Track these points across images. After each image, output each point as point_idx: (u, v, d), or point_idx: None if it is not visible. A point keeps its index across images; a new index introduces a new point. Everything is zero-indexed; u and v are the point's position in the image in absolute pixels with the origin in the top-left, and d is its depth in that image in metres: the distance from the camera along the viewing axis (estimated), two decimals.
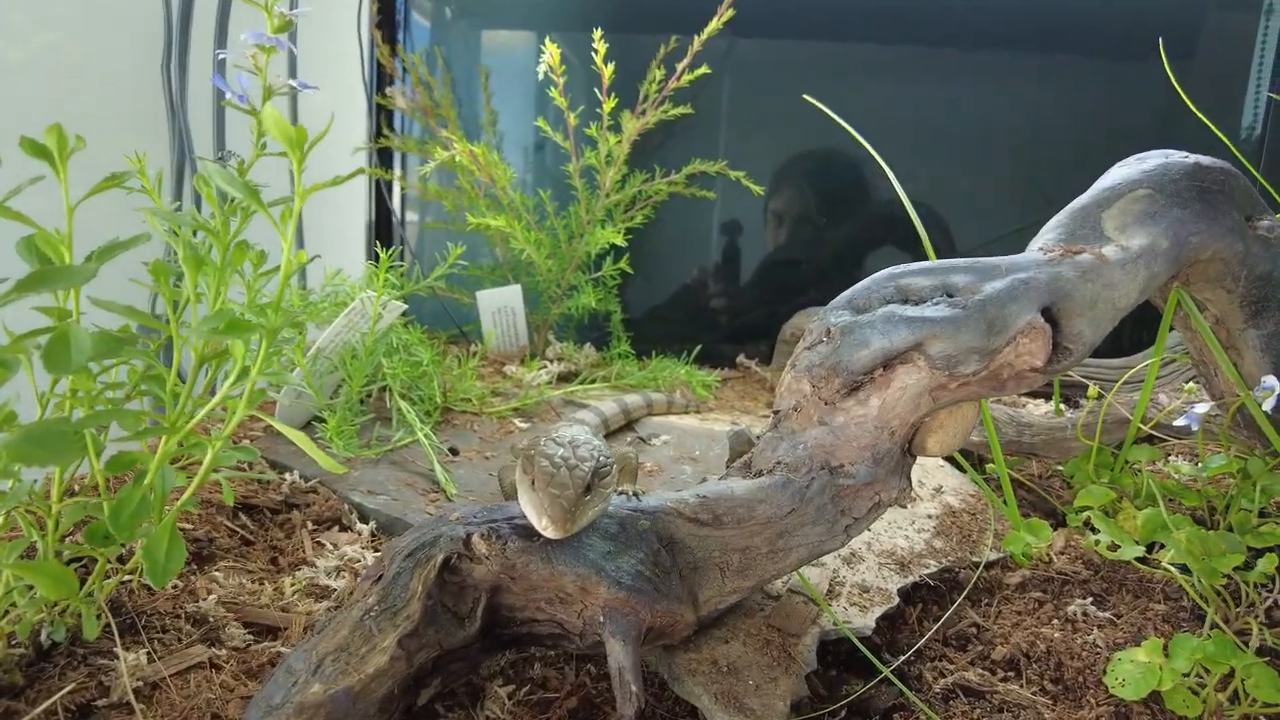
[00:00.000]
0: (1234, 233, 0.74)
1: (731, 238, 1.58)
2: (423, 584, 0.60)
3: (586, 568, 0.62)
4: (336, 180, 0.48)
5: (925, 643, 0.82)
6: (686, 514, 0.69)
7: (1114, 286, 0.68)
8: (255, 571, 0.79)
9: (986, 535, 0.96)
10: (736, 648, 0.72)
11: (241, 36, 0.58)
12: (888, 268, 0.74)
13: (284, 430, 0.52)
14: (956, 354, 0.66)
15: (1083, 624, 0.83)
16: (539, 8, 1.55)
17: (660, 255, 1.54)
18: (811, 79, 1.58)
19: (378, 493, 0.91)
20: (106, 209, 0.64)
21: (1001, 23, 1.58)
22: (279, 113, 0.48)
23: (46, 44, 1.22)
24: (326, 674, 0.54)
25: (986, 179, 1.65)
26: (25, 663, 0.61)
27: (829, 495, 0.71)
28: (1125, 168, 0.78)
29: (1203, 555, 0.79)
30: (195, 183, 0.53)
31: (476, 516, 0.64)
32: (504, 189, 1.24)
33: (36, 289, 0.46)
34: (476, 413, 1.11)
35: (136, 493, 0.55)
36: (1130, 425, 0.94)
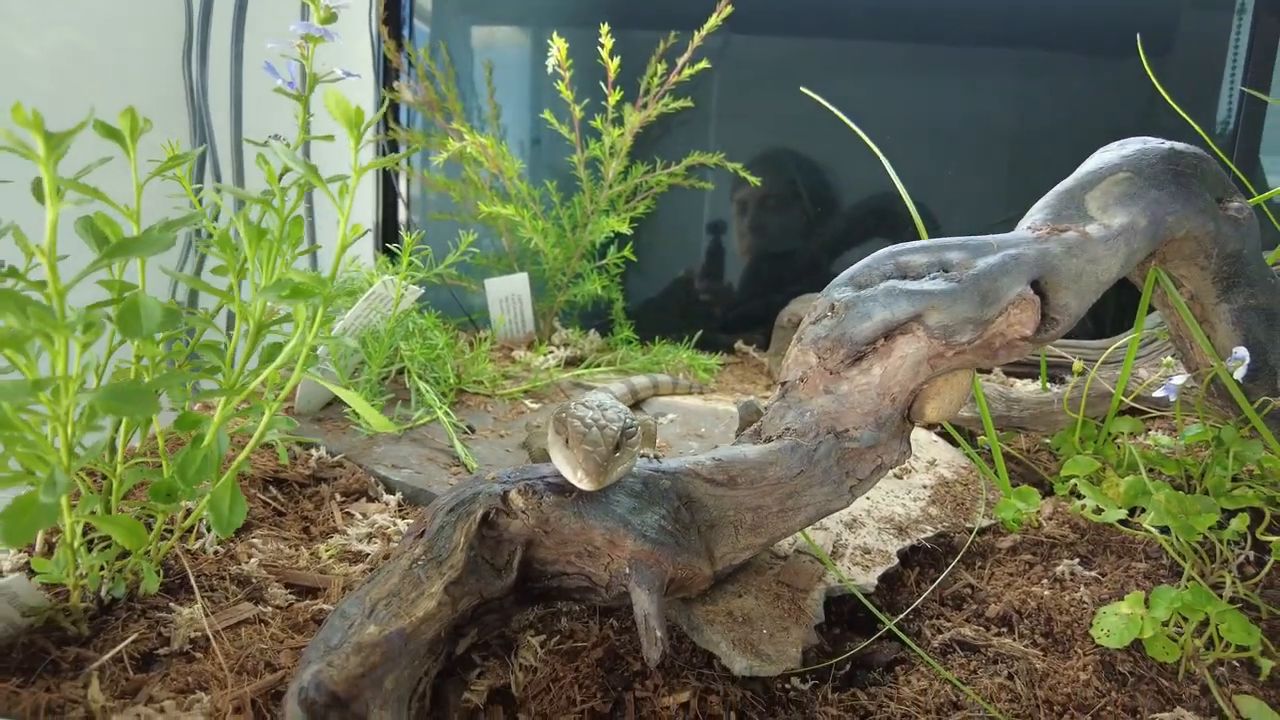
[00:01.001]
0: (1206, 213, 0.80)
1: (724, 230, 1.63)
2: (465, 536, 0.64)
3: (614, 522, 0.67)
4: (393, 159, 0.53)
5: (923, 602, 0.88)
6: (704, 475, 0.74)
7: (1097, 261, 0.74)
8: (290, 539, 0.84)
9: (979, 503, 1.02)
10: (749, 601, 0.77)
11: (291, 27, 0.63)
12: (887, 248, 0.79)
13: (340, 393, 0.56)
14: (953, 324, 0.71)
15: (1070, 583, 0.89)
16: (536, 3, 1.59)
17: (659, 245, 1.59)
18: (803, 74, 1.63)
19: (401, 467, 0.95)
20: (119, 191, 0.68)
21: (987, 20, 1.65)
22: (338, 95, 0.52)
23: (63, 39, 1.25)
24: (380, 617, 0.59)
25: (973, 172, 1.71)
26: (90, 615, 0.64)
27: (835, 458, 0.76)
28: (1107, 153, 0.83)
29: (1180, 514, 0.85)
30: (257, 161, 0.57)
31: (512, 476, 0.68)
32: (511, 180, 1.28)
33: (122, 255, 0.50)
34: (489, 394, 1.15)
35: (199, 451, 0.59)
36: (1113, 399, 1.00)
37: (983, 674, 0.78)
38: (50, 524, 0.51)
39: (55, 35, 1.24)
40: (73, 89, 1.23)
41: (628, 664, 0.74)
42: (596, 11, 1.58)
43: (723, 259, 1.65)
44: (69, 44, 1.25)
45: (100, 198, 0.55)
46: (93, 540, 0.64)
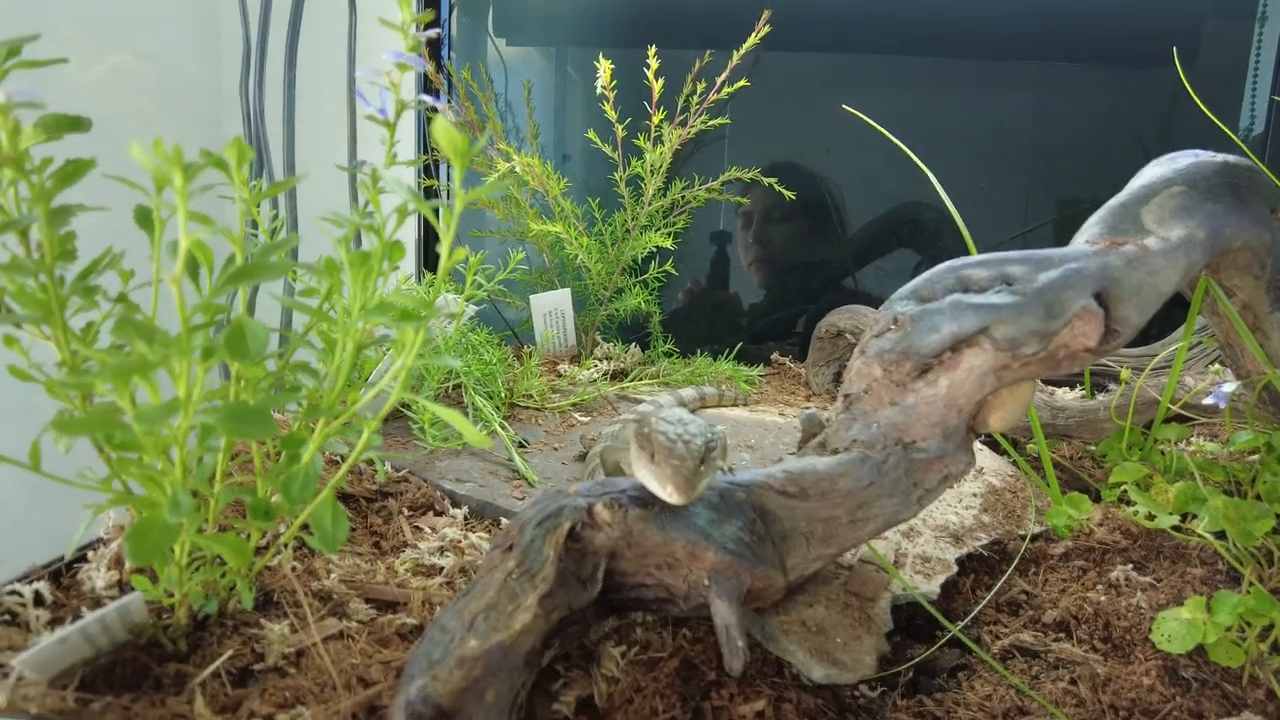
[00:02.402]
0: (1261, 223, 0.82)
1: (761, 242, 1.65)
2: (555, 549, 0.66)
3: (695, 534, 0.69)
4: (492, 185, 0.55)
5: (981, 609, 0.89)
6: (776, 487, 0.76)
7: (1157, 274, 0.76)
8: (364, 554, 0.85)
9: (1029, 510, 1.03)
10: (820, 611, 0.78)
11: (383, 55, 0.65)
12: (948, 261, 0.81)
13: (439, 411, 0.58)
14: (1019, 336, 0.73)
15: (1125, 588, 0.90)
16: (568, 24, 1.62)
17: (693, 259, 1.61)
18: (831, 88, 1.66)
19: (465, 480, 0.97)
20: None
21: (1009, 33, 1.67)
22: (446, 126, 0.54)
23: (116, 66, 1.28)
24: (479, 630, 0.60)
25: (996, 182, 1.73)
26: (186, 632, 0.66)
27: (903, 469, 0.77)
28: (1159, 166, 0.85)
29: (1238, 520, 0.86)
30: (359, 186, 0.59)
31: (593, 490, 0.70)
32: (556, 198, 1.30)
33: (244, 281, 0.52)
34: (539, 408, 1.17)
35: (301, 469, 0.61)
36: (1160, 405, 1.01)
37: (1045, 679, 0.79)
38: (173, 543, 0.53)
39: (110, 62, 1.27)
40: (127, 114, 1.26)
41: (703, 673, 0.75)
42: (628, 31, 1.61)
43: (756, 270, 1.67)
44: (122, 70, 1.28)
45: (211, 225, 0.57)
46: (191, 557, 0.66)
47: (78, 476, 0.61)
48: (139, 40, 1.27)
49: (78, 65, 1.23)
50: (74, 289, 0.59)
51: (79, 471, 0.61)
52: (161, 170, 0.46)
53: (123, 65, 1.26)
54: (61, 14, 1.19)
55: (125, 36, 1.27)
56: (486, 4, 1.58)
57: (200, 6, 1.25)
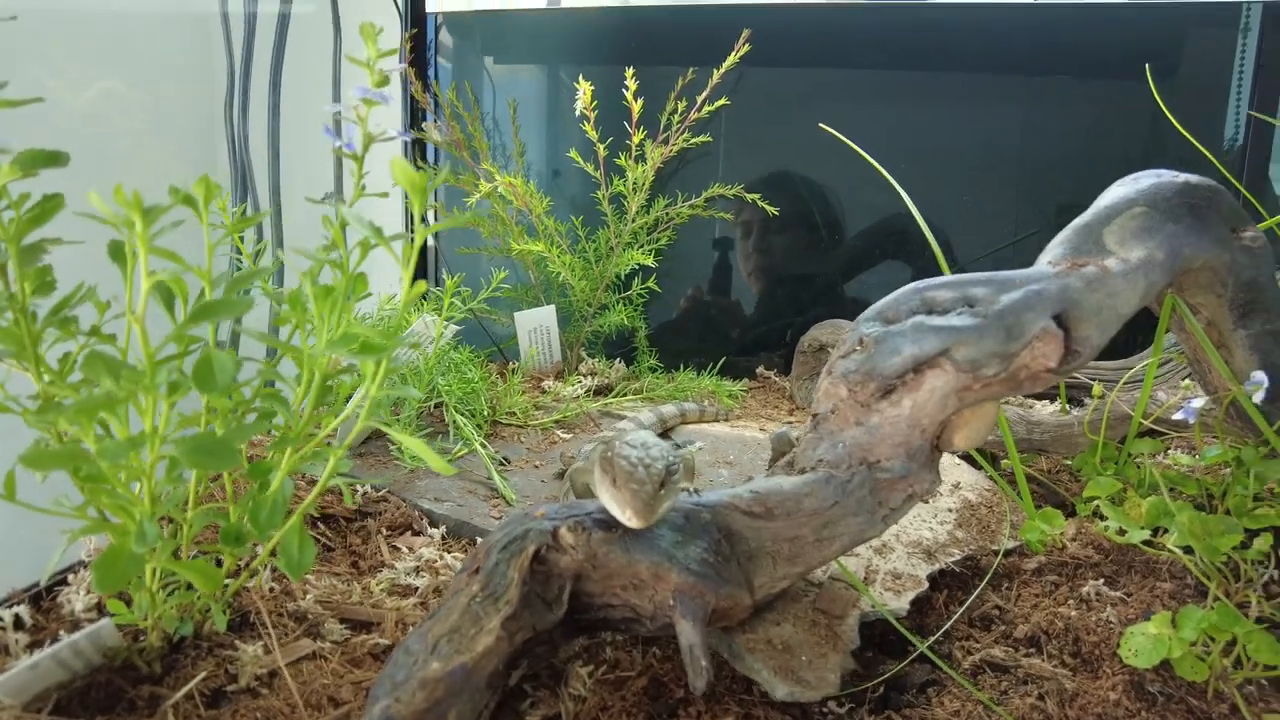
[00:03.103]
0: (1221, 243, 0.83)
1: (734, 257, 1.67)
2: (519, 572, 0.67)
3: (659, 556, 0.70)
4: (458, 219, 0.56)
5: (953, 624, 0.90)
6: (742, 507, 0.77)
7: (1117, 295, 0.77)
8: (341, 574, 0.87)
9: (1003, 526, 1.04)
10: (788, 629, 0.80)
11: (350, 91, 0.67)
12: (911, 283, 0.82)
13: (402, 440, 0.59)
14: (980, 358, 0.74)
15: (1096, 603, 0.91)
16: (555, 42, 1.64)
17: (679, 274, 1.62)
18: (816, 103, 1.67)
19: (443, 500, 0.98)
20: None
21: (994, 48, 1.68)
22: (404, 164, 0.56)
23: (106, 90, 1.30)
24: (442, 653, 0.62)
25: (983, 194, 1.74)
26: (161, 654, 0.68)
27: (868, 488, 0.79)
28: (1122, 187, 0.86)
29: (1204, 535, 0.87)
30: (323, 222, 0.61)
31: (559, 513, 0.71)
32: (539, 217, 1.32)
33: (207, 318, 0.53)
34: (522, 425, 1.19)
35: (269, 497, 0.62)
36: (1132, 420, 1.02)
37: (1014, 694, 0.80)
38: (139, 572, 0.55)
39: (100, 87, 1.29)
40: (117, 138, 1.28)
41: (671, 691, 0.76)
42: (613, 49, 1.63)
43: (741, 284, 1.68)
44: (112, 95, 1.30)
45: (179, 262, 0.59)
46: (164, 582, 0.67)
47: (53, 504, 0.62)
48: (130, 65, 1.29)
49: (69, 90, 1.25)
50: (48, 322, 0.61)
51: (55, 500, 0.63)
52: (119, 216, 0.47)
53: (113, 90, 1.29)
54: (54, 39, 1.22)
55: (116, 62, 1.29)
56: (474, 23, 1.60)
57: (191, 31, 1.27)
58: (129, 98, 1.29)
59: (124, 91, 1.28)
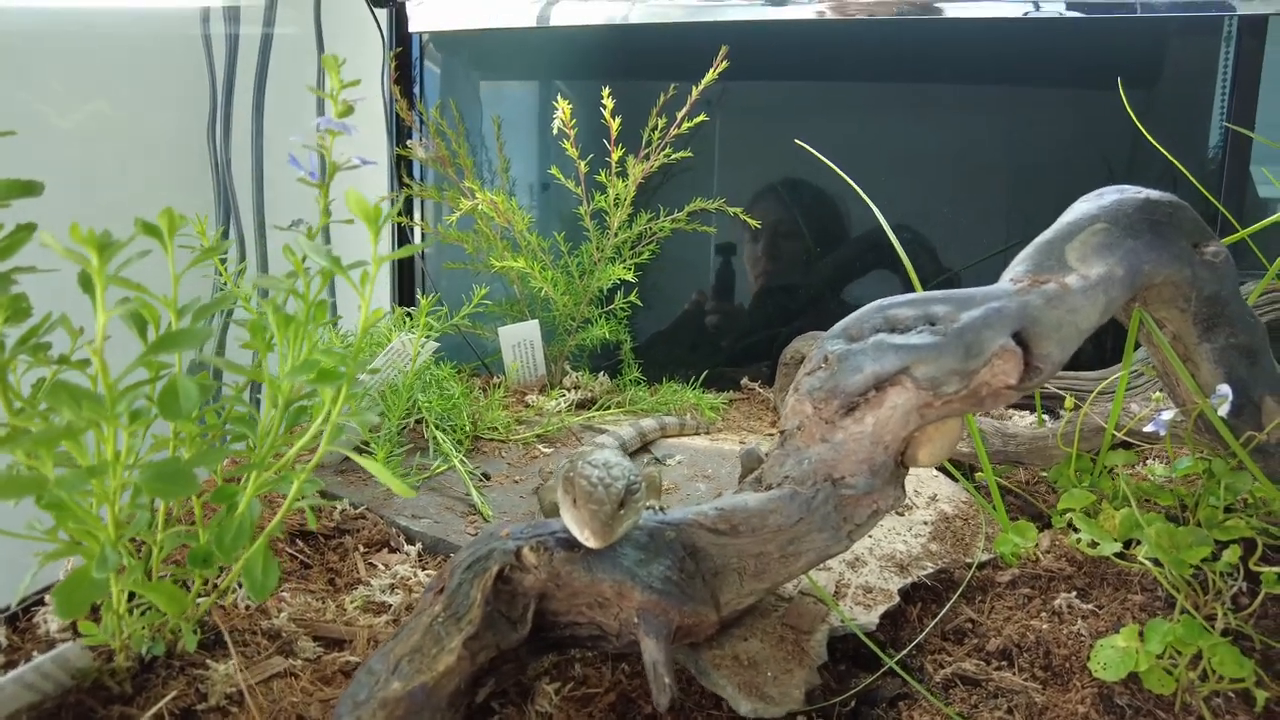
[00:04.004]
0: (1181, 259, 0.83)
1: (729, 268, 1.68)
2: (481, 592, 0.68)
3: (622, 574, 0.71)
4: (409, 249, 0.57)
5: (925, 637, 0.91)
6: (707, 525, 0.78)
7: (1077, 311, 0.78)
8: (317, 591, 0.88)
9: (978, 538, 1.05)
10: (755, 644, 0.80)
11: (314, 123, 0.68)
12: (877, 300, 0.83)
13: (362, 463, 0.61)
14: (939, 376, 0.75)
15: (1068, 616, 0.91)
16: (543, 58, 1.66)
17: (665, 286, 1.63)
18: (802, 116, 1.68)
19: (421, 516, 0.99)
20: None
21: (979, 58, 1.69)
22: (358, 196, 0.57)
23: (93, 112, 1.32)
24: (404, 673, 0.63)
25: (969, 204, 1.75)
26: (132, 674, 0.69)
27: (832, 505, 0.80)
28: (1085, 203, 0.87)
29: (1171, 549, 0.88)
30: (284, 251, 0.62)
31: (524, 532, 0.72)
32: (521, 233, 1.34)
33: (167, 349, 0.55)
34: (503, 440, 1.20)
35: (234, 520, 0.63)
36: (1105, 432, 1.03)
37: (984, 708, 0.81)
38: (101, 596, 0.56)
39: (87, 109, 1.31)
40: (103, 159, 1.30)
41: (640, 708, 0.77)
42: (600, 66, 1.64)
43: (728, 294, 1.69)
44: (99, 116, 1.32)
45: (144, 292, 0.60)
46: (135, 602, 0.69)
47: (26, 528, 0.64)
48: (117, 88, 1.31)
49: (56, 112, 1.27)
50: (16, 350, 0.62)
51: (28, 524, 0.64)
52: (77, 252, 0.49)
53: (100, 113, 1.31)
54: (43, 60, 1.24)
55: (103, 85, 1.31)
56: (460, 40, 1.62)
57: (176, 54, 1.29)
58: (116, 120, 1.31)
59: (111, 114, 1.30)
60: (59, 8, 1.17)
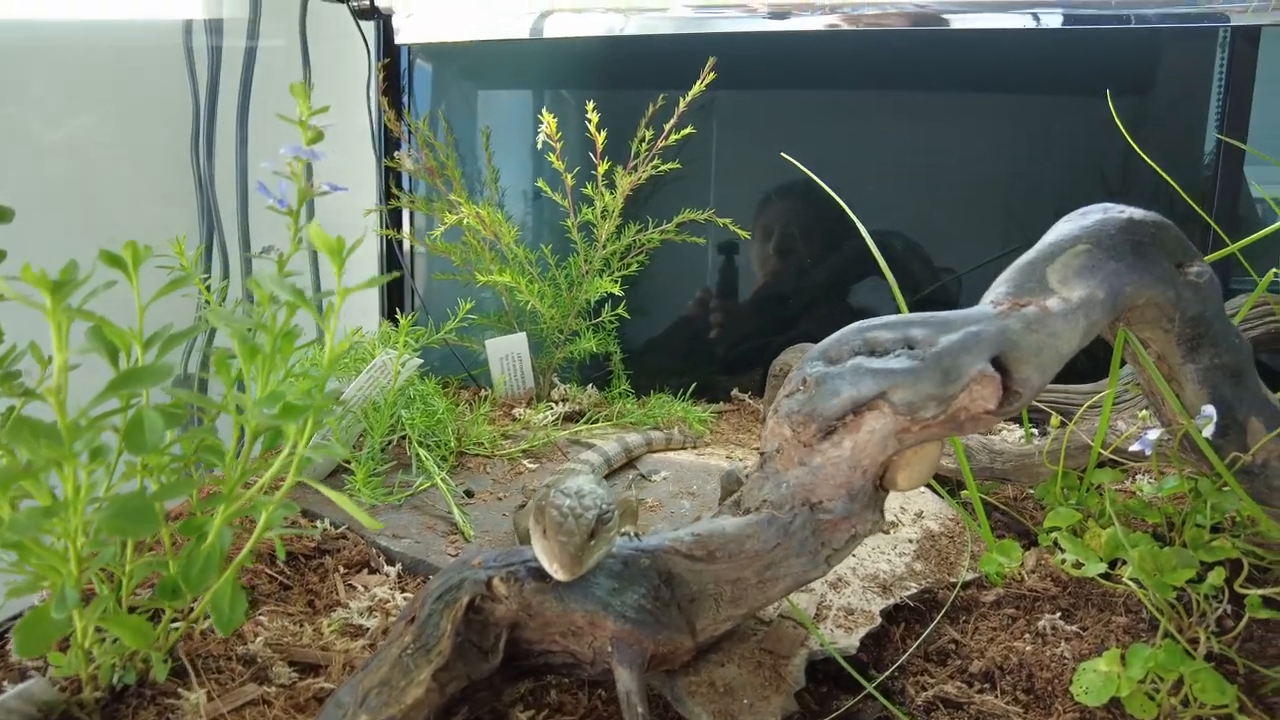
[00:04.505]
0: (1164, 281, 0.82)
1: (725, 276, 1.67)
2: (451, 623, 0.68)
3: (594, 604, 0.70)
4: (374, 281, 0.57)
5: (908, 659, 0.90)
6: (683, 551, 0.77)
7: (1057, 335, 0.77)
8: (295, 614, 0.88)
9: (964, 557, 1.04)
10: (732, 670, 0.80)
11: (281, 151, 0.68)
12: (857, 321, 0.83)
13: (325, 491, 0.60)
14: (917, 401, 0.74)
15: (1052, 637, 0.91)
16: (536, 68, 1.65)
17: (657, 294, 1.63)
18: (797, 124, 1.67)
19: (402, 536, 0.99)
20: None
21: (974, 66, 1.68)
22: (320, 230, 0.57)
23: (82, 126, 1.32)
24: (371, 706, 0.63)
25: (963, 212, 1.74)
26: (102, 704, 0.69)
27: (810, 529, 0.79)
28: (1068, 223, 0.86)
29: (1154, 571, 0.87)
30: (249, 284, 0.62)
31: (496, 560, 0.72)
32: (508, 245, 1.33)
33: (128, 387, 0.54)
34: (489, 455, 1.20)
35: (202, 552, 0.63)
36: (1092, 450, 1.02)
37: None
38: (62, 635, 0.56)
39: (75, 123, 1.31)
40: (91, 173, 1.29)
41: None
42: (596, 74, 1.63)
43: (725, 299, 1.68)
44: (88, 130, 1.32)
45: (105, 324, 0.60)
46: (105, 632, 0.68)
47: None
48: (104, 100, 1.31)
49: (45, 125, 1.27)
50: None
51: None
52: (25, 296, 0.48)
53: (89, 126, 1.30)
54: (32, 73, 1.23)
55: (91, 97, 1.31)
56: (450, 51, 1.61)
57: (163, 66, 1.29)
58: (103, 133, 1.30)
59: (98, 127, 1.30)
60: (38, 20, 1.17)
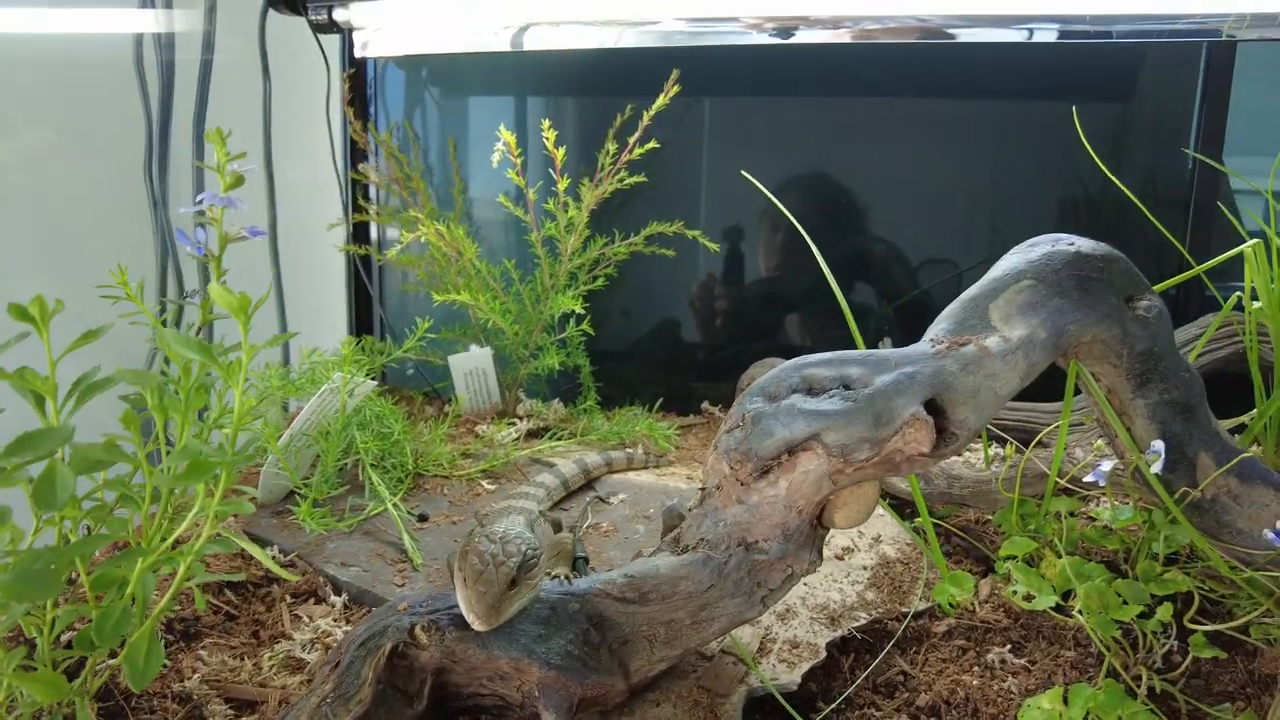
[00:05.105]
0: (1111, 318, 0.81)
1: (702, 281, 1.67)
2: (373, 671, 0.67)
3: (519, 651, 0.70)
4: (275, 340, 0.56)
5: (856, 691, 0.90)
6: (614, 594, 0.77)
7: (995, 377, 0.76)
8: (237, 647, 0.88)
9: (918, 585, 1.03)
10: (667, 710, 0.80)
11: (198, 198, 0.67)
12: (795, 359, 0.81)
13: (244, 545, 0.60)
14: (849, 443, 0.73)
15: (1000, 671, 0.90)
16: (506, 79, 1.63)
17: (629, 303, 1.61)
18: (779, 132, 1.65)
19: (350, 564, 0.99)
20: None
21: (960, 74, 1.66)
22: (223, 289, 0.56)
23: (40, 141, 1.31)
24: None
25: (945, 218, 1.72)
26: None
27: (745, 570, 0.78)
28: (1015, 256, 0.85)
29: (1100, 609, 0.86)
30: (158, 342, 0.61)
31: (421, 606, 0.72)
32: (470, 261, 1.32)
33: (28, 452, 0.54)
34: (446, 476, 1.19)
35: (118, 605, 0.63)
36: (1048, 479, 1.01)
37: None
38: None
39: (34, 136, 1.30)
40: (48, 188, 1.28)
41: None
42: (567, 81, 1.61)
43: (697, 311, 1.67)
44: (47, 144, 1.31)
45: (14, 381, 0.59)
46: None
47: None
48: (61, 115, 1.29)
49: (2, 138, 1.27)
50: None
51: None
52: None
53: (46, 140, 1.29)
54: None
55: (49, 111, 1.30)
56: (418, 63, 1.60)
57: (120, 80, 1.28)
58: (61, 147, 1.29)
59: (56, 141, 1.29)
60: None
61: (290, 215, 1.37)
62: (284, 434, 1.03)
